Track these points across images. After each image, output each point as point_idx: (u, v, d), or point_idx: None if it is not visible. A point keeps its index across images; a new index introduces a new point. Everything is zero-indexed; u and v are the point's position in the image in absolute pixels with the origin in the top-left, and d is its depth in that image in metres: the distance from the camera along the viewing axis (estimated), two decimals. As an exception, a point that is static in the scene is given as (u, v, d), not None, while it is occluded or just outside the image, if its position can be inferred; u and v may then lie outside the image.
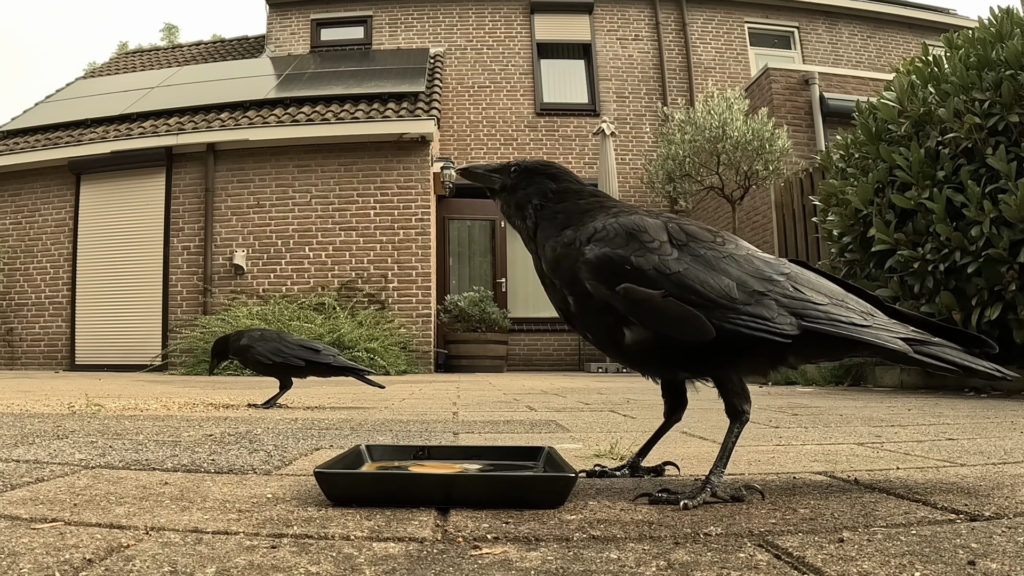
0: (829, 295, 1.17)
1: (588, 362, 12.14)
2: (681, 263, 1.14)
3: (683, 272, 1.13)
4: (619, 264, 1.13)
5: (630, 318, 1.13)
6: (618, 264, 1.13)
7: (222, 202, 10.86)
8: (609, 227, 1.18)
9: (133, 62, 16.95)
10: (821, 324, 1.12)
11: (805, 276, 1.19)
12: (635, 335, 1.14)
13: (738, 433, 1.16)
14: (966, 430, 2.17)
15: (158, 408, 3.11)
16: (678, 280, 1.12)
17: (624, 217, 1.20)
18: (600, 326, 1.19)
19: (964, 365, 1.19)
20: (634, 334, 1.14)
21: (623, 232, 1.17)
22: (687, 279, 1.12)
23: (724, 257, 1.16)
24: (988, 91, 3.98)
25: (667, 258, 1.14)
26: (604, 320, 1.16)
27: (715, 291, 1.12)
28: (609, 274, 1.13)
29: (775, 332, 1.10)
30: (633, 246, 1.15)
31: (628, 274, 1.13)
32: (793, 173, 9.28)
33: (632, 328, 1.14)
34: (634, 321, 1.13)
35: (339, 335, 9.15)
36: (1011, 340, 3.95)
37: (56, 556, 0.77)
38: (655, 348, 1.15)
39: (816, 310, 1.13)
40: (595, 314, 1.17)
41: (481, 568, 0.75)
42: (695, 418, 2.50)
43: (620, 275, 1.13)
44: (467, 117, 14.09)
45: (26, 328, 11.16)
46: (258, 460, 1.55)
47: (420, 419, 2.70)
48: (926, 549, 0.81)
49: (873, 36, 15.02)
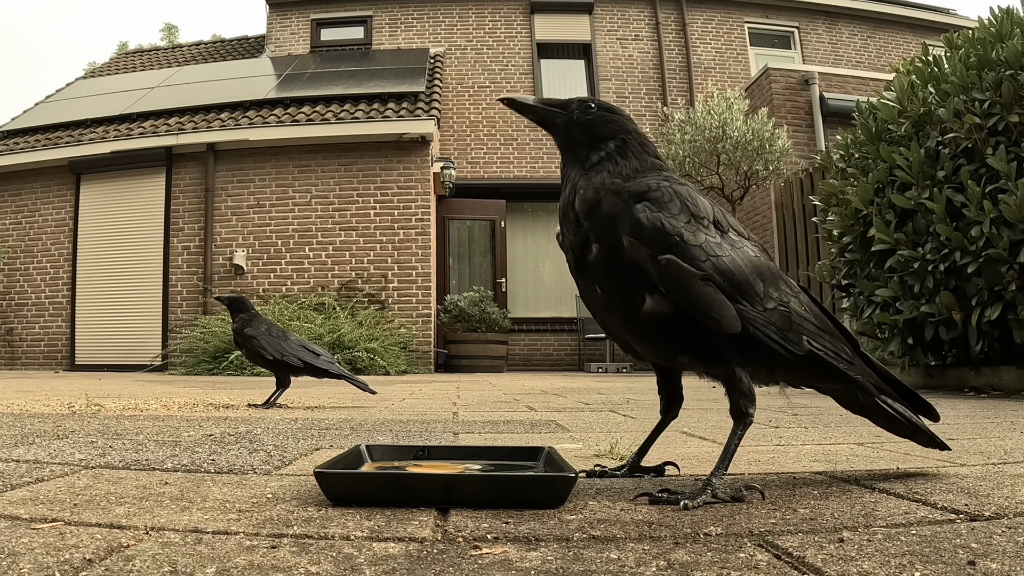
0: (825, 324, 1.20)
1: (588, 362, 12.14)
2: (723, 249, 1.12)
3: (724, 259, 1.11)
4: (668, 233, 1.09)
5: (661, 288, 1.08)
6: (668, 233, 1.09)
7: (222, 202, 10.86)
8: (664, 189, 1.13)
9: (133, 62, 16.95)
10: (826, 353, 1.16)
11: (807, 299, 1.22)
12: (656, 305, 1.10)
13: (741, 435, 1.14)
14: (966, 430, 2.16)
15: (158, 408, 3.11)
16: (719, 265, 1.10)
17: (678, 185, 1.15)
18: (617, 283, 1.13)
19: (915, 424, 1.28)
20: (655, 304, 1.10)
21: (678, 200, 1.12)
22: (727, 267, 1.11)
23: (754, 255, 1.16)
24: (988, 91, 3.98)
25: (711, 241, 1.12)
26: (624, 279, 1.11)
27: (750, 288, 1.12)
28: (655, 240, 1.09)
29: (788, 347, 1.12)
30: (684, 218, 1.11)
31: (674, 245, 1.09)
32: (793, 173, 9.28)
33: (655, 297, 1.10)
34: (661, 291, 1.09)
35: (339, 335, 9.14)
36: (1011, 340, 3.95)
37: (56, 556, 0.77)
38: (670, 323, 1.11)
39: (820, 337, 1.16)
40: (617, 270, 1.11)
41: (481, 568, 0.75)
42: (695, 418, 2.50)
43: (666, 244, 1.09)
44: (467, 117, 14.09)
45: (26, 328, 11.16)
46: (258, 460, 1.55)
47: (420, 419, 2.70)
48: (926, 549, 0.81)
49: (873, 36, 15.02)
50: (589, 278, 1.17)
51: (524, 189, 13.63)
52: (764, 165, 8.79)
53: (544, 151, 13.95)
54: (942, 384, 4.61)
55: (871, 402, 1.24)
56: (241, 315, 3.44)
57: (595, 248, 1.13)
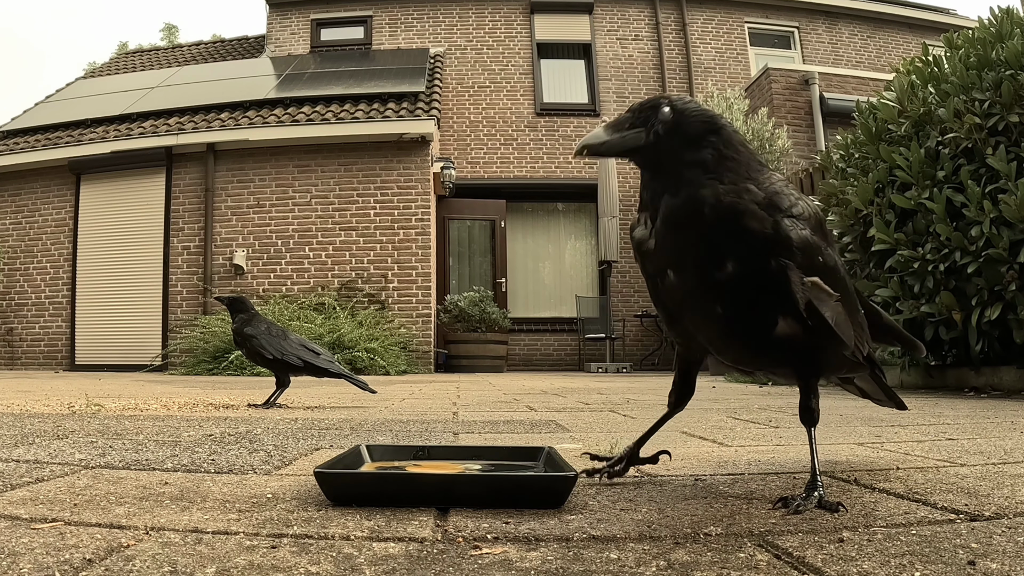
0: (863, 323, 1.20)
1: (588, 362, 12.14)
2: (840, 268, 1.09)
3: (841, 276, 1.08)
4: (815, 253, 1.03)
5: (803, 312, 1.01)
6: (814, 252, 1.03)
7: (222, 202, 10.86)
8: (801, 204, 1.04)
9: (133, 62, 16.95)
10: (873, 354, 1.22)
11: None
12: (788, 328, 1.04)
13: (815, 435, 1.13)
14: (966, 430, 2.16)
15: (158, 408, 3.11)
16: (842, 285, 1.07)
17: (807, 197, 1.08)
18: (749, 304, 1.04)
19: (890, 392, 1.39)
20: (788, 327, 1.04)
21: (813, 215, 1.06)
22: (847, 286, 1.08)
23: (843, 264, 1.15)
24: (988, 91, 3.98)
25: (834, 257, 1.09)
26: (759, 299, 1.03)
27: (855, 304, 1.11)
28: (804, 262, 1.01)
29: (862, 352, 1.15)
30: (819, 235, 1.06)
31: (817, 268, 1.03)
32: (793, 173, 9.28)
33: (789, 320, 1.03)
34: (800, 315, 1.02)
35: (339, 335, 9.14)
36: (1011, 340, 3.95)
37: (56, 556, 0.77)
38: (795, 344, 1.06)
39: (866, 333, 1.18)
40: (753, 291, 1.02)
41: (481, 568, 0.75)
42: (695, 418, 2.49)
43: (811, 266, 1.02)
44: (467, 117, 14.09)
45: (26, 328, 11.16)
46: (258, 460, 1.55)
47: (420, 419, 2.70)
48: (926, 549, 0.81)
49: (873, 36, 15.02)
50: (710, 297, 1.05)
51: (524, 189, 13.63)
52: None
53: (544, 151, 13.94)
54: (942, 384, 4.61)
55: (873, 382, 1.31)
56: (241, 315, 3.44)
57: (731, 267, 1.02)
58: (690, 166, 1.05)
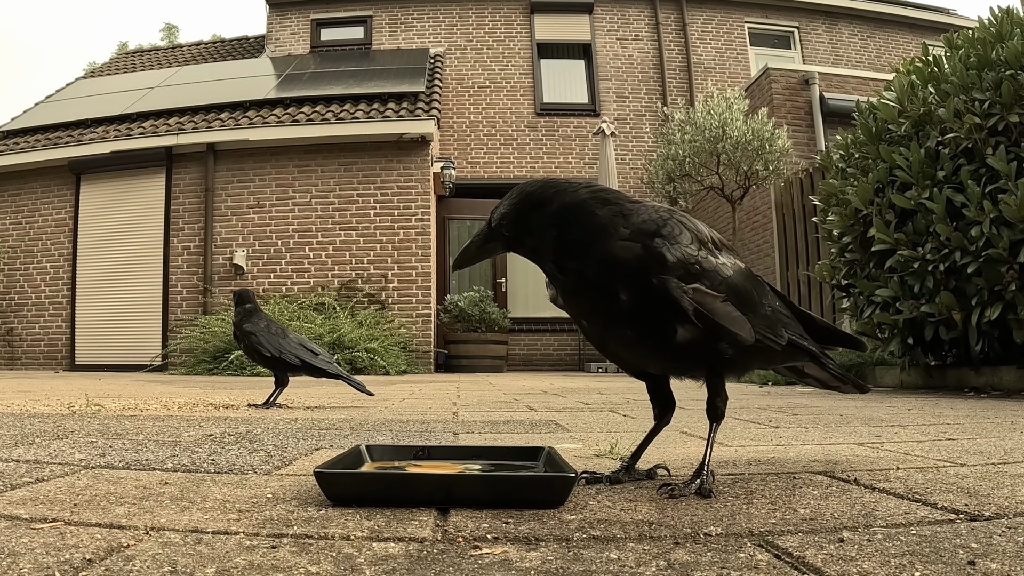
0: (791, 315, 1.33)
1: (588, 362, 12.14)
2: (727, 269, 1.20)
3: (732, 278, 1.19)
4: (692, 264, 1.15)
5: (692, 317, 1.14)
6: (691, 264, 1.15)
7: (222, 202, 10.86)
8: (672, 223, 1.17)
9: (133, 62, 16.95)
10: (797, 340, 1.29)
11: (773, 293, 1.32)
12: (687, 333, 1.15)
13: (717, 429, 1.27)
14: (966, 430, 2.16)
15: (158, 408, 3.11)
16: (730, 284, 1.18)
17: (679, 215, 1.20)
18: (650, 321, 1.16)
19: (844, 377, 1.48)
20: (686, 332, 1.15)
21: (686, 230, 1.17)
22: (735, 284, 1.19)
23: (743, 269, 1.24)
24: (988, 91, 3.98)
25: (719, 263, 1.19)
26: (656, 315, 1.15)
27: (751, 299, 1.21)
28: (682, 273, 1.14)
29: (778, 343, 1.23)
30: (696, 246, 1.17)
31: (697, 275, 1.15)
32: (793, 173, 9.28)
33: (687, 326, 1.15)
34: (692, 320, 1.14)
35: (339, 335, 9.14)
36: (1011, 340, 3.95)
37: (56, 556, 0.77)
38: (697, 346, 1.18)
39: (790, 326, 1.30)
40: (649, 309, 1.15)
41: (481, 568, 0.75)
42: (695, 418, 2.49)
43: (690, 275, 1.14)
44: (467, 117, 14.09)
45: (26, 328, 11.16)
46: (258, 460, 1.55)
47: (420, 419, 2.70)
48: (926, 549, 0.81)
49: (873, 36, 15.02)
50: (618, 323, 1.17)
51: (524, 189, 13.61)
52: (764, 165, 8.79)
53: (544, 151, 13.95)
54: (942, 384, 4.61)
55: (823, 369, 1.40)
56: (246, 305, 3.42)
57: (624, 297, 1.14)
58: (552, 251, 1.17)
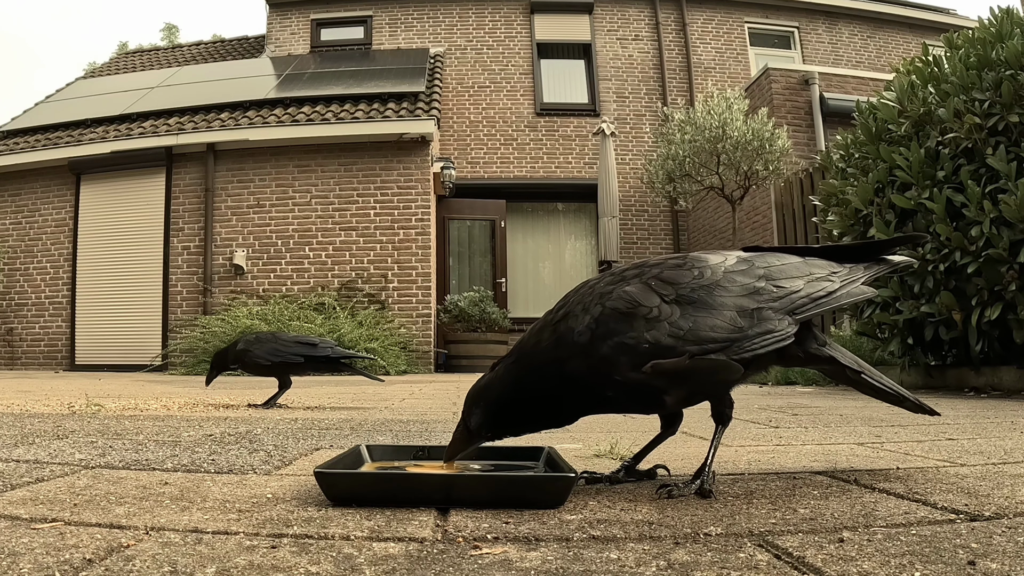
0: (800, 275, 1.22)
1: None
2: (688, 318, 1.14)
3: (693, 327, 1.14)
4: (635, 347, 1.12)
5: (667, 388, 1.16)
6: (634, 347, 1.12)
7: (222, 202, 10.86)
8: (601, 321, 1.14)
9: (133, 62, 16.95)
10: (810, 311, 1.19)
11: (775, 267, 1.22)
12: (675, 397, 1.19)
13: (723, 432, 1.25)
14: (966, 430, 2.16)
15: (158, 408, 3.11)
16: (694, 336, 1.13)
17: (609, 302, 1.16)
18: (641, 401, 1.21)
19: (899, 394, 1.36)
20: (673, 397, 1.19)
21: (618, 316, 1.14)
22: (700, 331, 1.13)
23: (713, 289, 1.17)
24: (988, 91, 3.98)
25: (675, 318, 1.14)
26: (643, 394, 1.18)
27: (727, 330, 1.14)
28: (634, 359, 1.13)
29: (782, 338, 1.16)
30: (638, 324, 1.13)
31: (648, 352, 1.12)
32: (793, 173, 9.28)
33: (671, 393, 1.18)
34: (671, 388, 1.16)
35: (339, 335, 9.15)
36: (1011, 340, 3.95)
37: (56, 556, 0.77)
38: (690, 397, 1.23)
39: (801, 298, 1.19)
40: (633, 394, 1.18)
41: (481, 568, 0.75)
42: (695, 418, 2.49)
43: (642, 355, 1.12)
44: (467, 117, 14.08)
45: (26, 328, 11.15)
46: (258, 460, 1.55)
47: (420, 419, 2.70)
48: (926, 549, 0.81)
49: (873, 36, 15.01)
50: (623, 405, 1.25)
51: (524, 189, 13.63)
52: (764, 165, 8.79)
53: (544, 151, 13.94)
54: (942, 384, 4.61)
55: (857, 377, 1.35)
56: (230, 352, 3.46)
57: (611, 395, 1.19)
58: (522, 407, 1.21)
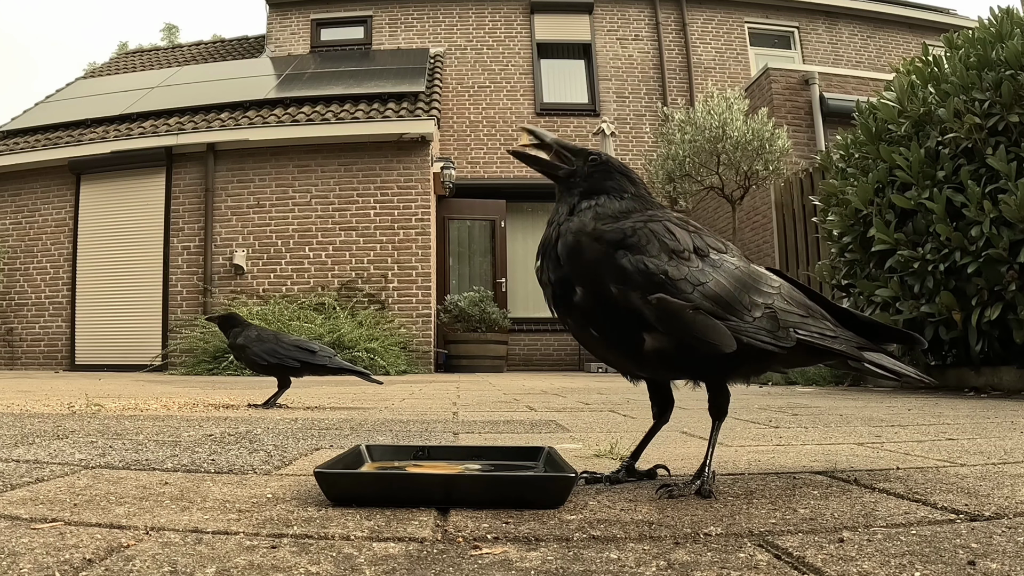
0: (806, 308, 1.25)
1: (588, 362, 12.13)
2: (706, 275, 1.16)
3: (710, 284, 1.15)
4: (654, 273, 1.13)
5: (658, 326, 1.13)
6: (653, 273, 1.13)
7: (222, 202, 10.86)
8: (640, 233, 1.16)
9: (133, 62, 16.95)
10: (811, 338, 1.21)
11: (787, 289, 1.26)
12: (656, 342, 1.14)
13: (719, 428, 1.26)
14: (966, 430, 2.16)
15: (158, 408, 3.11)
16: (707, 292, 1.14)
17: (654, 223, 1.18)
18: (613, 326, 1.17)
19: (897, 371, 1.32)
20: (655, 340, 1.14)
21: (655, 239, 1.16)
22: (714, 291, 1.15)
23: (735, 268, 1.20)
24: (988, 91, 3.98)
25: (694, 270, 1.16)
26: (620, 321, 1.15)
27: (737, 303, 1.16)
28: (643, 283, 1.12)
29: (779, 345, 1.18)
30: (665, 256, 1.15)
31: (661, 284, 1.12)
32: (793, 173, 9.28)
33: (654, 335, 1.14)
34: (659, 329, 1.13)
35: (339, 335, 9.15)
36: (1011, 340, 3.95)
37: (56, 556, 0.77)
38: (671, 354, 1.16)
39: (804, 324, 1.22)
40: (610, 315, 1.15)
41: (481, 568, 0.75)
42: (695, 418, 2.50)
43: (653, 284, 1.12)
44: (467, 117, 14.09)
45: (26, 328, 11.16)
46: (258, 460, 1.55)
47: (420, 419, 2.70)
48: (926, 549, 0.81)
49: (873, 36, 15.01)
50: (579, 319, 1.20)
51: (524, 189, 13.63)
52: (764, 165, 8.79)
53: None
54: (942, 384, 4.61)
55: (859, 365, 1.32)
56: (234, 329, 3.44)
57: (579, 291, 1.17)
58: (576, 204, 1.23)
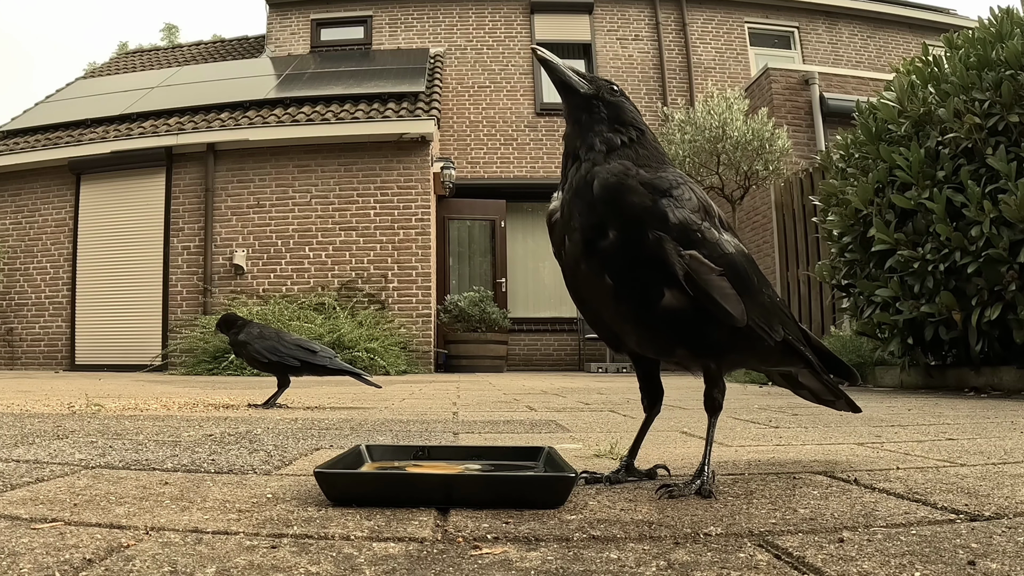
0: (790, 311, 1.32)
1: (588, 362, 12.14)
2: (728, 246, 1.18)
3: (732, 255, 1.17)
4: (693, 231, 1.13)
5: (684, 283, 1.11)
6: (692, 230, 1.13)
7: (222, 202, 10.86)
8: (684, 187, 1.16)
9: (133, 62, 16.95)
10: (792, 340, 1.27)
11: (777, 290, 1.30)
12: (674, 300, 1.12)
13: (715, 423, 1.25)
14: (966, 430, 2.16)
15: (158, 408, 3.11)
16: (729, 262, 1.15)
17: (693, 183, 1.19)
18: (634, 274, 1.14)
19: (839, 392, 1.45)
20: (673, 298, 1.12)
21: (695, 197, 1.16)
22: (734, 263, 1.17)
23: (746, 252, 1.23)
24: (988, 91, 3.98)
25: (722, 238, 1.17)
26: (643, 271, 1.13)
27: (750, 282, 1.19)
28: (681, 236, 1.12)
29: (771, 337, 1.21)
30: (701, 215, 1.15)
31: (696, 243, 1.13)
32: (793, 173, 9.28)
33: (674, 292, 1.12)
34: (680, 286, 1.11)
35: (339, 335, 9.15)
36: (1011, 340, 3.95)
37: (56, 556, 0.77)
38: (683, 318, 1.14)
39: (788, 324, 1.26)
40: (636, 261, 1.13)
41: (481, 568, 0.75)
42: (695, 418, 2.50)
43: (689, 241, 1.12)
44: (467, 117, 14.08)
45: (26, 328, 11.16)
46: (258, 460, 1.55)
47: (420, 419, 2.70)
48: (926, 549, 0.81)
49: (873, 36, 15.01)
50: (596, 265, 1.15)
51: (524, 189, 13.63)
52: (764, 165, 8.79)
53: (544, 151, 13.94)
54: (942, 384, 4.61)
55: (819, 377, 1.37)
56: (237, 323, 3.46)
57: (612, 235, 1.13)
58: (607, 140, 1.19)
